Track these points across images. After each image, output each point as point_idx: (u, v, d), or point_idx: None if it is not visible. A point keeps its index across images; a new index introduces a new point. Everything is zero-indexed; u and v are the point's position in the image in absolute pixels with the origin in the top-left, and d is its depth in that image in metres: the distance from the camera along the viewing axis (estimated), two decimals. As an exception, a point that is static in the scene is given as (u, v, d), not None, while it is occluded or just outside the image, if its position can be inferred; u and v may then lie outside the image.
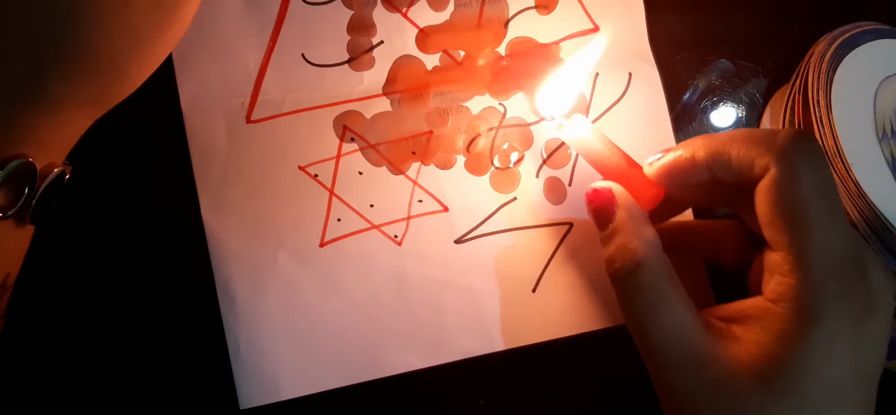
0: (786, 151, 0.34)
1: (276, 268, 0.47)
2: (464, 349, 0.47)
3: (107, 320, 0.47)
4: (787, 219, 0.34)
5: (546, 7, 0.50)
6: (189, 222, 0.47)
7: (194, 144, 0.48)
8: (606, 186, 0.41)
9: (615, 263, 0.40)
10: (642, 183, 0.41)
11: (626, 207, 0.40)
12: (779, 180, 0.34)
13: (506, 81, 0.49)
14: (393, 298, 0.47)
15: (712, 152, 0.38)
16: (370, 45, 0.49)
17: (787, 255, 0.34)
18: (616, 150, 0.43)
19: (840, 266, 0.33)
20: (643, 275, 0.38)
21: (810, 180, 0.34)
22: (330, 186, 0.48)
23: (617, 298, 0.40)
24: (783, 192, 0.34)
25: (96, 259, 0.47)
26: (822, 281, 0.33)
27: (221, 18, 0.48)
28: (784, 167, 0.34)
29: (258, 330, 0.46)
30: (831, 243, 0.34)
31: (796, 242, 0.34)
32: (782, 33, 0.53)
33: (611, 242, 0.40)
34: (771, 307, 0.35)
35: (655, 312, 0.37)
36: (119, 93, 0.41)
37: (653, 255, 0.38)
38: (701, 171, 0.38)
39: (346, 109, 0.49)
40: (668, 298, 0.37)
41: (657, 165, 0.40)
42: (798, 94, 0.47)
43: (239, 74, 0.48)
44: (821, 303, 0.33)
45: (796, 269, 0.34)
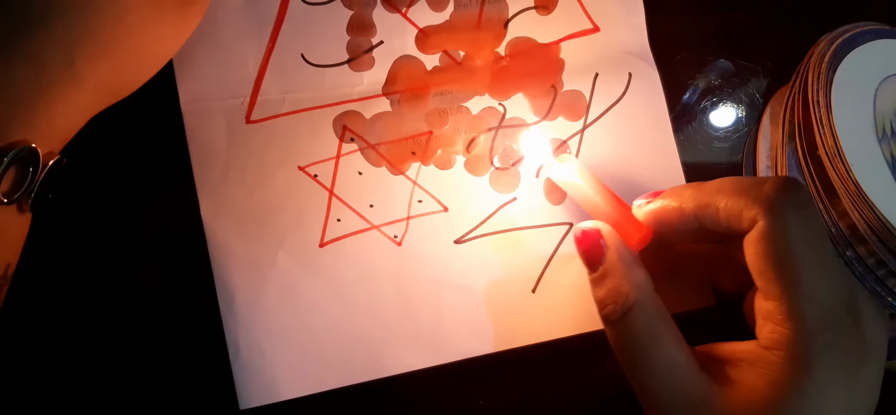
0: (773, 202, 0.34)
1: (276, 268, 0.47)
2: (463, 350, 0.47)
3: (106, 321, 0.47)
4: (776, 271, 0.34)
5: (546, 7, 0.50)
6: (188, 223, 0.47)
7: (194, 144, 0.47)
8: (594, 227, 0.41)
9: (606, 307, 0.40)
10: (632, 223, 0.41)
11: (616, 250, 0.40)
12: (767, 233, 0.34)
13: (506, 82, 0.49)
14: (393, 299, 0.47)
15: (700, 204, 0.37)
16: (370, 46, 0.49)
17: (779, 305, 0.34)
18: (604, 190, 0.43)
19: (832, 316, 0.33)
20: (635, 319, 0.38)
21: (799, 232, 0.34)
22: (330, 187, 0.48)
23: (609, 340, 0.40)
24: (772, 244, 0.34)
25: (95, 259, 0.47)
26: (814, 332, 0.33)
27: (221, 19, 0.48)
28: (772, 219, 0.34)
29: (258, 330, 0.46)
30: (823, 293, 0.33)
31: (787, 294, 0.34)
32: (782, 33, 0.53)
33: (601, 286, 0.40)
34: (765, 355, 0.35)
35: (648, 355, 0.37)
36: (133, 82, 0.43)
37: (644, 298, 0.38)
38: (689, 221, 0.38)
39: (346, 110, 0.49)
40: (661, 341, 0.37)
41: (645, 210, 0.40)
42: (798, 95, 0.48)
43: (238, 75, 0.48)
44: (814, 353, 0.33)
45: (789, 319, 0.34)
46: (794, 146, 0.47)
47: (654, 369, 0.37)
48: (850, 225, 0.45)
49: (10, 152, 0.36)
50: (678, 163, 0.49)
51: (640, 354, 0.38)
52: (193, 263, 0.47)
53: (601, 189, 0.43)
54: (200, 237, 0.47)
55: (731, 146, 0.52)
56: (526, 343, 0.47)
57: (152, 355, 0.47)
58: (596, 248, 0.40)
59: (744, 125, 0.52)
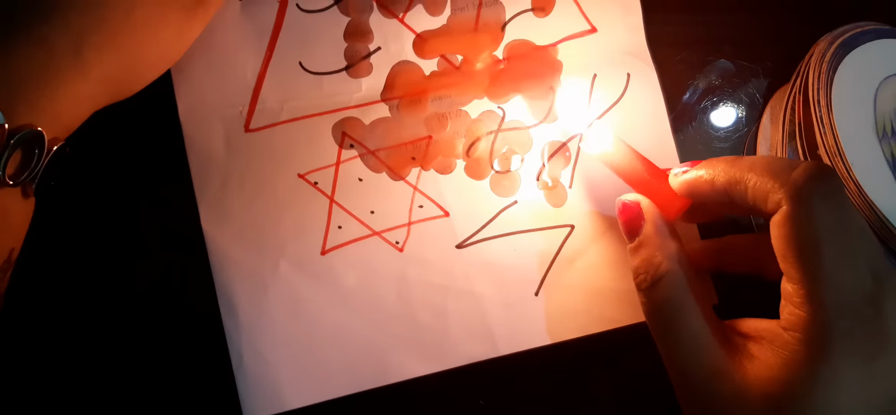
0: (800, 188, 0.34)
1: (278, 277, 0.47)
2: (467, 355, 0.47)
3: (109, 332, 0.47)
4: (798, 256, 0.34)
5: (543, 9, 0.50)
6: (189, 232, 0.47)
7: (193, 154, 0.47)
8: (635, 200, 0.42)
9: (639, 275, 0.41)
10: (668, 193, 0.42)
11: (653, 221, 0.41)
12: (791, 217, 0.34)
13: (504, 85, 0.49)
14: (395, 305, 0.47)
15: (731, 180, 0.38)
16: (367, 52, 0.49)
17: (799, 288, 0.34)
18: (639, 159, 0.43)
19: (852, 304, 0.33)
20: (664, 287, 0.39)
21: (824, 219, 0.34)
22: (330, 194, 0.48)
23: (641, 307, 0.41)
24: (795, 229, 0.34)
25: (97, 270, 0.47)
26: (832, 318, 0.33)
27: (218, 28, 0.48)
28: (797, 205, 0.34)
29: (261, 340, 0.46)
30: (843, 282, 0.33)
31: (807, 279, 0.34)
32: (782, 33, 0.53)
33: (637, 255, 0.41)
34: (783, 335, 0.35)
35: (675, 323, 0.38)
36: (136, 81, 0.44)
37: (675, 269, 0.40)
38: (720, 194, 0.39)
39: (345, 116, 0.49)
40: (687, 311, 0.38)
41: (680, 180, 0.41)
42: (798, 94, 0.47)
43: (237, 83, 0.48)
44: (830, 339, 0.33)
45: (807, 303, 0.34)
46: (795, 146, 0.47)
47: (679, 337, 0.38)
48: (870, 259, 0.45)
49: (17, 135, 0.36)
50: (677, 161, 0.49)
51: (668, 321, 0.39)
52: (195, 272, 0.47)
53: (637, 159, 0.43)
54: (201, 247, 0.47)
55: (731, 146, 0.52)
56: (530, 347, 0.47)
57: (155, 367, 0.47)
58: (636, 219, 0.42)
59: (744, 125, 0.52)
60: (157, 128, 0.48)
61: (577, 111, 0.48)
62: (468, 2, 0.49)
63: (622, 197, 0.43)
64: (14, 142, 0.36)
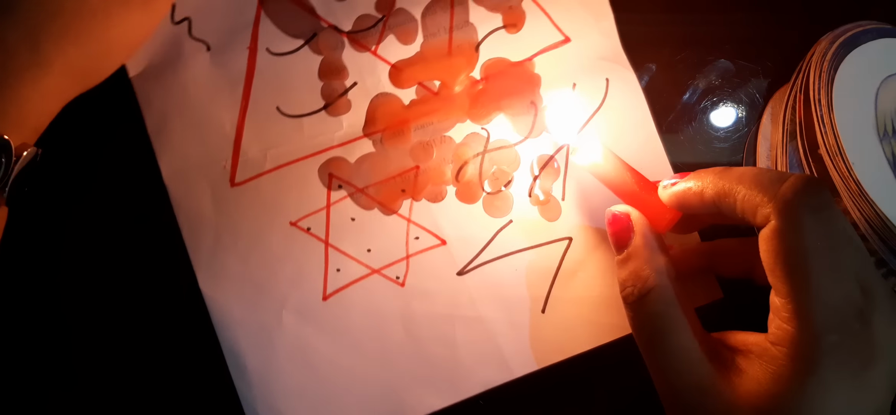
0: (788, 203, 0.34)
1: (283, 329, 0.47)
2: (483, 381, 0.47)
3: (119, 388, 0.47)
4: (785, 271, 0.34)
5: (514, 25, 0.50)
6: (189, 292, 0.47)
7: (181, 215, 0.47)
8: (625, 212, 0.42)
9: (626, 289, 0.41)
10: (658, 205, 0.42)
11: (642, 234, 0.41)
12: (778, 233, 0.34)
13: (485, 105, 0.49)
14: (404, 341, 0.47)
15: (720, 192, 0.38)
16: (344, 89, 0.49)
17: (787, 303, 0.34)
18: (630, 171, 0.44)
19: (840, 319, 0.33)
20: (652, 302, 0.39)
21: (812, 234, 0.34)
22: (324, 238, 0.48)
23: (628, 320, 0.41)
24: (782, 244, 0.34)
25: (105, 327, 0.47)
26: (819, 333, 0.33)
27: (190, 83, 0.48)
28: (785, 220, 0.34)
29: (274, 395, 0.46)
30: (831, 297, 0.33)
31: (794, 294, 0.34)
32: (782, 33, 0.53)
33: (624, 267, 0.41)
34: (771, 349, 0.35)
35: (662, 338, 0.38)
36: (102, 67, 0.43)
37: (663, 283, 0.39)
38: (709, 207, 0.39)
39: (330, 157, 0.48)
40: (675, 326, 0.38)
41: (669, 192, 0.41)
42: (799, 93, 0.48)
43: (216, 138, 0.48)
44: (818, 354, 0.33)
45: (795, 318, 0.34)
46: (795, 145, 0.47)
47: (666, 353, 0.38)
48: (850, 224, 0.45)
49: None
50: (665, 159, 0.50)
51: (655, 336, 0.39)
52: (199, 331, 0.47)
53: (627, 171, 0.44)
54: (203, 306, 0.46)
55: (731, 146, 0.52)
56: (544, 365, 0.47)
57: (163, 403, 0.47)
58: (625, 231, 0.42)
59: (744, 125, 0.52)
60: (143, 187, 0.48)
61: (565, 124, 0.48)
62: (439, 26, 0.49)
63: (611, 208, 0.43)
64: None
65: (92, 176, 0.48)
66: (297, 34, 0.49)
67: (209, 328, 0.46)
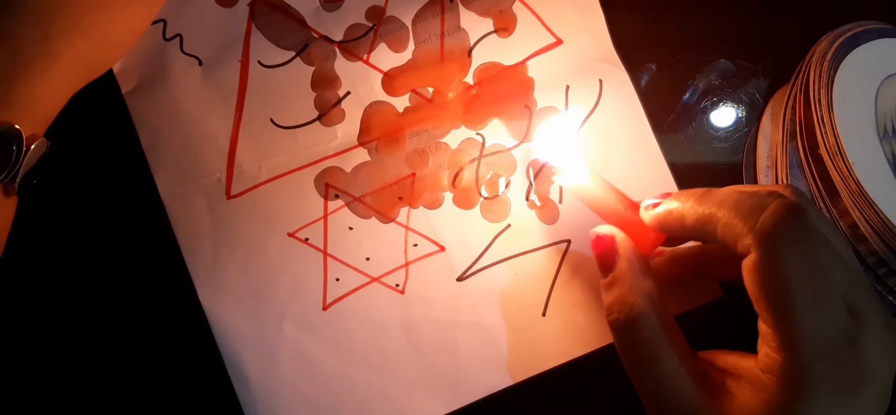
0: (768, 234, 0.33)
1: (283, 340, 0.47)
2: (484, 386, 0.47)
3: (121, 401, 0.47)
4: (770, 303, 0.34)
5: (506, 29, 0.50)
6: (190, 304, 0.47)
7: (179, 230, 0.47)
8: (609, 233, 0.42)
9: (612, 314, 0.40)
10: (643, 227, 0.41)
11: (627, 258, 0.40)
12: (761, 265, 0.33)
13: (479, 110, 0.49)
14: (405, 349, 0.47)
15: (700, 219, 0.37)
16: (337, 98, 0.49)
17: (774, 333, 0.34)
18: (615, 193, 0.43)
19: (828, 347, 0.33)
20: (639, 328, 0.38)
21: (794, 266, 0.33)
22: (322, 248, 0.48)
23: (615, 343, 0.41)
24: (765, 277, 0.33)
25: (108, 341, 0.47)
26: (808, 362, 0.33)
27: (182, 98, 0.48)
28: (766, 253, 0.33)
29: (276, 406, 0.46)
30: (818, 327, 0.33)
31: (780, 326, 0.33)
32: (782, 33, 0.53)
33: (610, 292, 0.41)
34: (761, 376, 0.35)
35: (650, 364, 0.38)
36: (108, 56, 0.44)
37: (650, 309, 0.39)
38: (691, 232, 0.38)
39: (326, 167, 0.48)
40: (663, 352, 0.38)
41: (651, 215, 0.40)
42: (799, 93, 0.48)
43: (210, 152, 0.48)
44: (807, 383, 0.33)
45: (782, 348, 0.33)
46: (795, 145, 0.47)
47: (655, 378, 0.38)
48: (850, 224, 0.46)
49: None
50: (661, 157, 0.50)
51: (643, 362, 0.38)
52: (201, 344, 0.47)
53: (613, 193, 0.43)
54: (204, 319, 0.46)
55: (731, 146, 0.52)
56: (546, 368, 0.47)
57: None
58: (609, 253, 0.41)
59: (744, 125, 0.53)
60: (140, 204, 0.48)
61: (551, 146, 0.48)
62: (430, 33, 0.49)
63: (596, 229, 0.42)
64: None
65: (91, 189, 0.48)
66: (289, 46, 0.49)
67: (211, 340, 0.46)
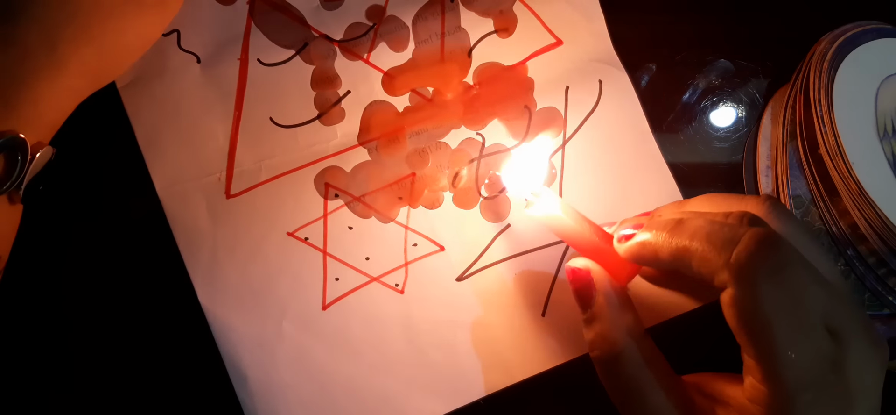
0: (743, 269, 0.33)
1: (283, 340, 0.47)
2: (484, 386, 0.47)
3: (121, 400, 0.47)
4: (750, 338, 0.33)
5: (506, 30, 0.50)
6: (189, 304, 0.47)
7: (177, 229, 0.47)
8: (585, 267, 0.41)
9: (595, 351, 0.40)
10: (618, 258, 0.41)
11: (605, 293, 0.40)
12: (737, 301, 0.33)
13: (479, 110, 0.49)
14: (405, 348, 0.47)
15: (674, 252, 0.36)
16: (337, 98, 0.49)
17: (757, 366, 0.33)
18: (588, 224, 0.42)
19: (812, 376, 0.32)
20: (623, 365, 0.38)
21: (771, 300, 0.32)
22: (322, 247, 0.48)
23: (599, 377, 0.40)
24: (743, 311, 0.33)
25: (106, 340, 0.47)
26: (793, 393, 0.32)
27: (182, 96, 0.48)
28: (742, 288, 0.33)
29: (276, 406, 0.46)
30: (800, 357, 0.32)
31: (763, 359, 0.33)
32: (782, 33, 0.54)
33: (591, 328, 0.40)
34: (748, 407, 0.34)
35: (635, 401, 0.38)
36: (116, 66, 0.44)
37: (632, 344, 0.38)
38: (666, 266, 0.38)
39: (325, 166, 0.48)
40: (648, 386, 0.37)
41: (625, 247, 0.40)
42: (799, 93, 0.48)
43: (210, 150, 0.48)
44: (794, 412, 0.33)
45: (767, 382, 0.33)
46: (795, 145, 0.48)
47: (642, 413, 0.38)
48: (851, 224, 0.46)
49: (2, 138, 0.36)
50: (661, 159, 0.50)
51: (628, 399, 0.38)
52: (200, 344, 0.46)
53: (584, 223, 0.42)
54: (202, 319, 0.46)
55: (731, 146, 0.53)
56: (546, 368, 0.47)
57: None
58: (586, 288, 0.40)
59: (744, 125, 0.53)
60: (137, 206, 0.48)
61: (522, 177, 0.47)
62: (431, 33, 0.49)
63: (571, 262, 0.42)
64: None
65: (91, 186, 0.48)
66: (288, 44, 0.49)
67: (210, 340, 0.46)
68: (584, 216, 0.43)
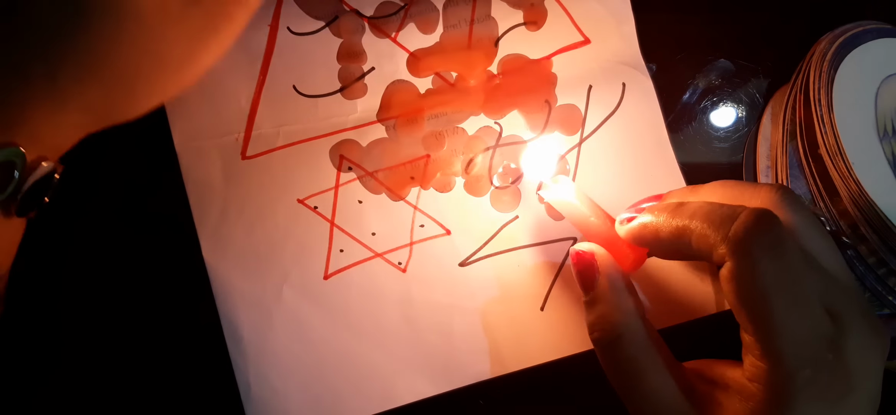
0: (740, 243, 0.33)
1: (282, 304, 0.47)
2: (476, 373, 0.47)
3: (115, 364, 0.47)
4: (749, 312, 0.33)
5: (535, 23, 0.50)
6: (191, 262, 0.47)
7: (190, 184, 0.47)
8: (589, 250, 0.41)
9: (595, 332, 0.40)
10: (626, 244, 0.41)
11: (608, 276, 0.40)
12: (735, 274, 0.33)
13: (500, 100, 0.49)
14: (401, 326, 0.47)
15: (674, 231, 0.37)
16: (361, 73, 0.49)
17: (756, 342, 0.34)
18: (599, 211, 0.43)
19: (811, 353, 0.33)
20: (623, 347, 0.38)
21: (769, 273, 0.33)
22: (330, 218, 0.48)
23: (599, 361, 0.40)
24: (741, 284, 0.33)
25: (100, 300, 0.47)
26: (792, 370, 0.32)
27: (209, 56, 0.48)
28: (740, 261, 0.33)
29: (267, 368, 0.46)
30: (799, 332, 0.33)
31: (761, 334, 0.33)
32: (782, 33, 0.53)
33: (592, 311, 0.40)
34: (747, 385, 0.34)
35: (636, 382, 0.38)
36: (126, 112, 0.39)
37: (632, 326, 0.39)
38: (668, 246, 0.38)
39: (342, 139, 0.49)
40: (648, 368, 0.37)
41: (626, 229, 0.40)
42: (799, 93, 0.48)
43: (231, 111, 0.48)
44: (793, 389, 0.32)
45: (765, 357, 0.33)
46: (795, 145, 0.47)
47: (642, 395, 0.37)
48: (850, 224, 0.45)
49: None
50: (677, 170, 0.49)
51: (629, 379, 0.38)
52: (199, 302, 0.47)
53: (596, 210, 0.43)
54: (204, 276, 0.47)
55: (731, 146, 0.52)
56: (539, 362, 0.47)
57: (163, 399, 0.47)
58: (589, 271, 0.41)
59: (744, 125, 0.52)
60: (153, 159, 0.48)
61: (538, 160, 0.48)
62: (460, 18, 0.49)
63: (575, 246, 0.42)
64: None
65: (101, 138, 0.48)
66: (319, 16, 0.49)
67: (208, 296, 0.46)
68: (595, 203, 0.43)
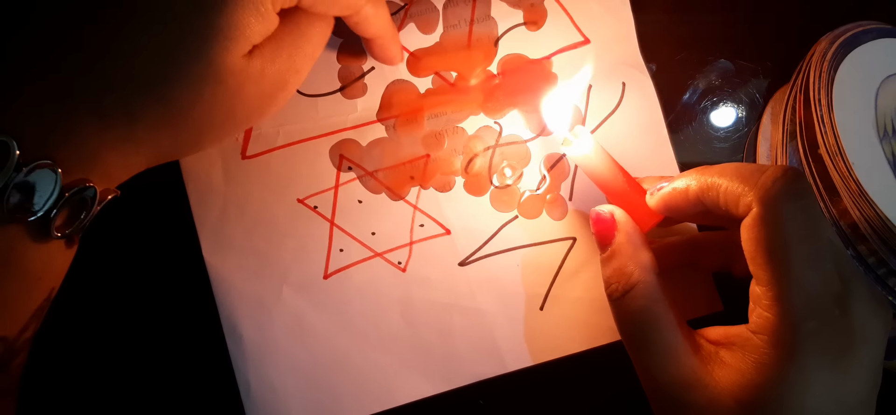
0: (769, 190, 0.35)
1: (282, 303, 0.47)
2: (475, 373, 0.47)
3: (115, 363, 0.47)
4: (766, 258, 0.35)
5: (535, 23, 0.50)
6: (191, 262, 0.47)
7: (191, 184, 0.47)
8: (609, 211, 0.43)
9: (610, 286, 0.41)
10: (642, 204, 0.42)
11: (626, 232, 0.42)
12: (760, 220, 0.35)
13: (499, 100, 0.49)
14: (400, 326, 0.47)
15: (703, 187, 0.39)
16: (361, 72, 0.49)
17: (768, 291, 0.35)
18: (618, 169, 0.44)
19: (818, 305, 0.34)
20: (635, 299, 0.39)
21: (793, 221, 0.35)
22: (330, 217, 0.48)
23: (614, 318, 0.41)
24: (764, 231, 0.35)
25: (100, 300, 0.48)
26: (799, 319, 0.34)
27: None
28: (766, 208, 0.35)
29: (267, 367, 0.46)
30: (810, 283, 0.34)
31: (776, 281, 0.34)
32: (782, 33, 0.53)
33: (608, 265, 0.42)
34: (752, 338, 0.36)
35: (646, 333, 0.39)
36: (189, 152, 0.45)
37: (646, 279, 0.40)
38: (694, 203, 0.40)
39: (342, 138, 0.49)
40: (659, 321, 0.38)
41: (657, 196, 0.42)
42: (799, 93, 0.48)
43: (231, 111, 0.48)
44: (798, 340, 0.34)
45: (775, 305, 0.34)
46: (795, 145, 0.47)
47: (650, 349, 0.38)
48: (850, 224, 0.45)
49: (72, 190, 0.37)
50: (677, 170, 0.49)
51: (639, 332, 0.39)
52: (199, 302, 0.47)
53: (616, 167, 0.44)
54: (204, 276, 0.47)
55: (731, 146, 0.52)
56: (537, 362, 0.47)
57: (163, 398, 0.47)
58: (608, 229, 0.42)
59: (744, 125, 0.53)
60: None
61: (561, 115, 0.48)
62: (460, 18, 0.50)
63: (596, 208, 0.43)
64: (69, 196, 0.36)
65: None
66: (320, 15, 0.49)
67: (208, 296, 0.46)
68: (616, 162, 0.44)
